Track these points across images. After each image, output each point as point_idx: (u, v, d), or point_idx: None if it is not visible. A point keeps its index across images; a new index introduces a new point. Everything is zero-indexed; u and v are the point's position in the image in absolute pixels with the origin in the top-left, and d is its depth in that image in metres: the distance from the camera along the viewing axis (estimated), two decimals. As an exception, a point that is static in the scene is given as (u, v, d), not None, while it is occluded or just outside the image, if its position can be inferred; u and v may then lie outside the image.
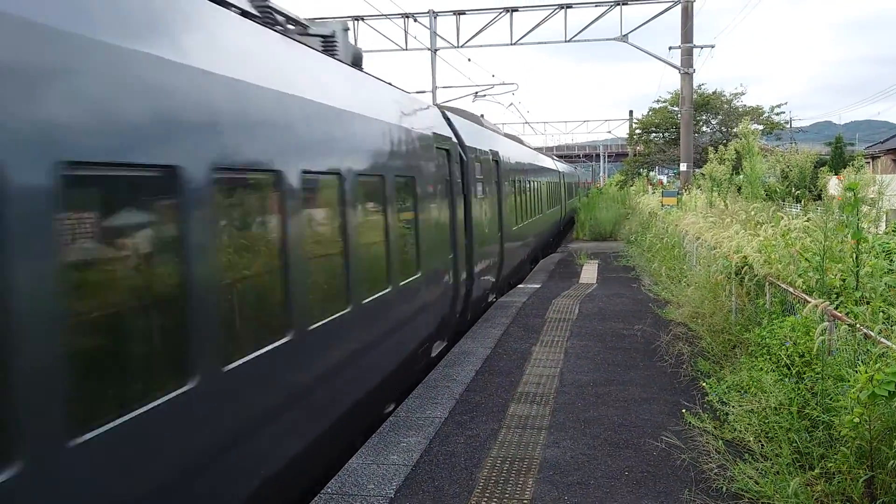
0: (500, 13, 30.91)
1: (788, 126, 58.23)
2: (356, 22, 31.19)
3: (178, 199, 4.24)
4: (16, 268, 3.13)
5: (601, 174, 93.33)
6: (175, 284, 4.27)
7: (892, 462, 4.96)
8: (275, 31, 6.29)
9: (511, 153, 18.82)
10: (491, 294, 15.14)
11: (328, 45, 7.88)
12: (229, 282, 4.87)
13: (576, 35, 30.66)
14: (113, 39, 3.81)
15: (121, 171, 3.87)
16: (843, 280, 7.81)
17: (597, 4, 29.85)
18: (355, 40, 30.97)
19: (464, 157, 12.75)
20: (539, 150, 35.69)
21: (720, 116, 51.54)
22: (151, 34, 4.22)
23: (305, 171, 5.83)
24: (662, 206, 26.20)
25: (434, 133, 10.71)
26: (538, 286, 17.50)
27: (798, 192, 18.93)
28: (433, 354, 10.49)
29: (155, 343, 4.24)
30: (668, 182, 53.64)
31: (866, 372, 5.05)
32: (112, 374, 3.87)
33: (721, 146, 21.28)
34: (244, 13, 5.82)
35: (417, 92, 22.93)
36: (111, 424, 3.60)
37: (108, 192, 3.89)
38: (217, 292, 4.58)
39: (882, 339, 5.65)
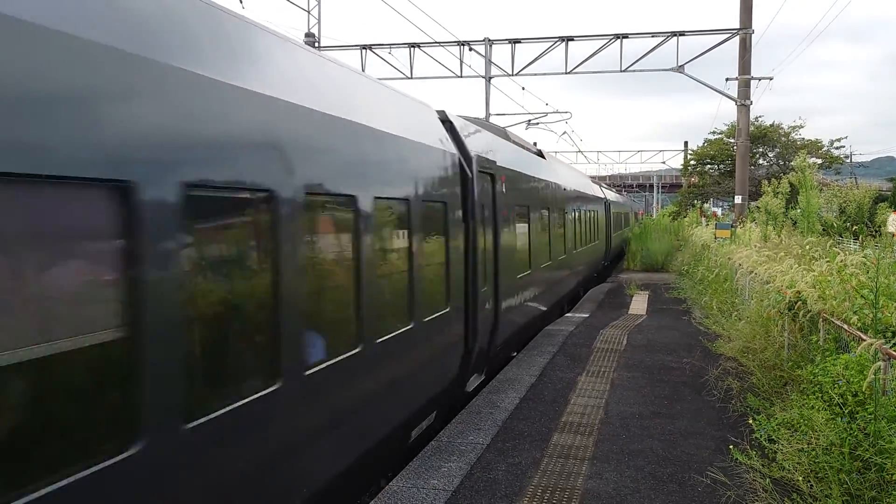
0: (556, 42, 30.99)
1: (848, 160, 57.00)
2: (412, 49, 31.55)
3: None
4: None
5: (654, 205, 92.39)
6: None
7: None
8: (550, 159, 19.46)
9: (612, 198, 35.66)
10: (604, 261, 29.51)
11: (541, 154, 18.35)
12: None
13: (632, 65, 30.53)
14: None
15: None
16: (900, 318, 7.62)
17: (653, 35, 29.76)
18: (411, 67, 31.38)
19: (606, 201, 30.25)
20: (592, 178, 38.65)
21: (777, 149, 50.72)
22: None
23: (574, 209, 19.57)
24: (716, 238, 25.84)
25: (601, 194, 29.15)
26: (586, 315, 17.38)
27: (856, 227, 18.50)
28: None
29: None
30: (723, 214, 52.84)
31: (920, 414, 4.91)
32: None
33: (775, 179, 20.99)
34: (539, 153, 17.36)
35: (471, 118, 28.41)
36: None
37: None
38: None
39: (939, 381, 5.50)
